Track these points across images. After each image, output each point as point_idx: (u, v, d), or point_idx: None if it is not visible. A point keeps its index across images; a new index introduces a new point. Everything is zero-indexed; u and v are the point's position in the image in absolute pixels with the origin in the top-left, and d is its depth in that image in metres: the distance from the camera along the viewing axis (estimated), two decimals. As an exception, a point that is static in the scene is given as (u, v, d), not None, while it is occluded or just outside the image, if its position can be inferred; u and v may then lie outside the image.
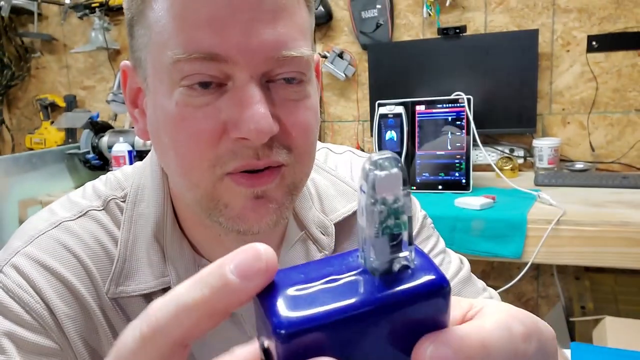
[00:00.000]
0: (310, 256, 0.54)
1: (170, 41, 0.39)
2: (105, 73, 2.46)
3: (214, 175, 0.41)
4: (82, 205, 0.50)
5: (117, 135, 1.85)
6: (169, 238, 0.49)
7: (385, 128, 1.58)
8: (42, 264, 0.45)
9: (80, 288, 0.46)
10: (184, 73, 0.39)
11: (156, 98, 0.42)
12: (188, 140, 0.40)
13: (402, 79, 1.84)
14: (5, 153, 2.68)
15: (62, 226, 0.48)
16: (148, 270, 0.48)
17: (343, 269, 0.21)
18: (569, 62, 1.72)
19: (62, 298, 0.45)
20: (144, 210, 0.50)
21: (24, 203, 1.74)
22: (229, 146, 0.40)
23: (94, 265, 0.47)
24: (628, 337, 1.08)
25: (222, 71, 0.39)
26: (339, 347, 0.19)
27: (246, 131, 0.39)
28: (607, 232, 1.16)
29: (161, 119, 0.42)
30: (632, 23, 1.62)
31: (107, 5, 2.27)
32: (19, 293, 0.44)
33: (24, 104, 2.69)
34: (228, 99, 0.40)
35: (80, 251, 0.47)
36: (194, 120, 0.40)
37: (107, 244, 0.48)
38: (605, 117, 1.70)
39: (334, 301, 0.19)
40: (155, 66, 0.42)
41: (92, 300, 0.46)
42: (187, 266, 0.48)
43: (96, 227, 0.49)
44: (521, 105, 1.70)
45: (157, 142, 0.44)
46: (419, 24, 1.90)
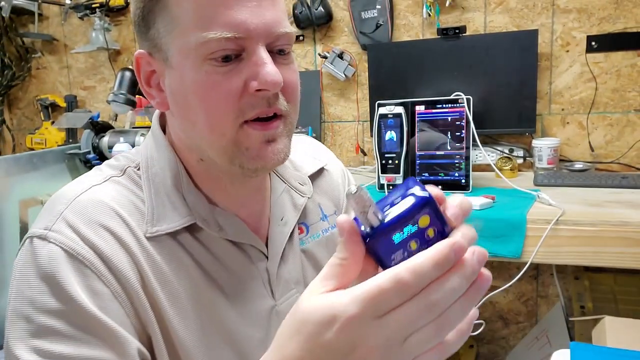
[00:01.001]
0: (294, 201, 0.69)
1: (197, 26, 0.51)
2: (105, 73, 2.47)
3: (236, 123, 0.53)
4: (104, 173, 0.60)
5: (118, 135, 1.85)
6: (186, 189, 0.60)
7: (385, 128, 1.58)
8: (88, 218, 0.53)
9: (123, 234, 0.54)
10: (210, 50, 0.51)
11: (183, 72, 0.53)
12: (218, 99, 0.52)
13: (402, 79, 1.84)
14: (6, 153, 2.69)
15: (94, 189, 0.57)
16: (174, 214, 0.58)
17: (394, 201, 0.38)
18: (569, 62, 1.72)
19: (109, 245, 0.53)
20: (158, 172, 0.60)
21: (24, 203, 1.74)
22: (248, 99, 0.53)
23: (128, 214, 0.56)
24: (627, 337, 1.08)
25: (240, 45, 0.52)
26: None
27: (264, 83, 0.52)
28: (606, 232, 1.16)
29: (190, 87, 0.53)
30: (632, 23, 1.63)
31: (108, 6, 2.27)
32: (73, 246, 0.51)
33: (25, 104, 2.69)
34: (246, 63, 0.53)
35: (115, 204, 0.56)
36: (223, 83, 0.52)
37: (133, 199, 0.58)
38: (605, 117, 1.71)
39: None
40: (181, 47, 0.53)
41: (133, 243, 0.54)
42: (204, 207, 0.60)
43: (120, 187, 0.58)
44: (521, 106, 1.71)
45: (183, 107, 0.55)
46: (418, 25, 1.90)
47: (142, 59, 0.58)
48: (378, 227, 0.36)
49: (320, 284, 0.37)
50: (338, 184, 0.78)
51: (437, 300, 0.33)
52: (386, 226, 0.36)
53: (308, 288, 0.37)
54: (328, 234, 0.73)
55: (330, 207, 0.76)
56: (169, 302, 0.55)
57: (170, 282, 0.56)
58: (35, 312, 0.49)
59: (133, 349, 0.50)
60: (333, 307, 0.34)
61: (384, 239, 0.36)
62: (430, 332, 0.34)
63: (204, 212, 0.59)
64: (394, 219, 0.36)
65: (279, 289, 0.64)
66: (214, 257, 0.60)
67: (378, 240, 0.36)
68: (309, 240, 0.71)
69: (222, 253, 0.60)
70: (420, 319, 0.33)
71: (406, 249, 0.36)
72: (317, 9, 1.93)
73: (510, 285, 1.36)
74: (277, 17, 0.54)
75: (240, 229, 0.62)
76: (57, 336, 0.48)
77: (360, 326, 0.33)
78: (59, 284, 0.49)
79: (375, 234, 0.36)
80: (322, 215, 0.74)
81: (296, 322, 0.36)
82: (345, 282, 0.36)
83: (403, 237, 0.36)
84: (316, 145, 0.82)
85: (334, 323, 0.34)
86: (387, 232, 0.36)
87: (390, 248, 0.36)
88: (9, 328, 0.50)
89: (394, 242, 0.36)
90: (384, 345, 0.33)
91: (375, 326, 0.33)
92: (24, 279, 0.51)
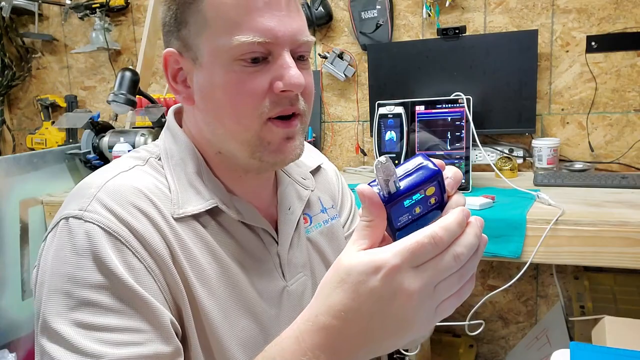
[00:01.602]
0: (299, 193, 0.76)
1: (229, 30, 0.57)
2: (105, 73, 2.47)
3: (260, 120, 0.59)
4: (128, 163, 0.64)
5: (118, 135, 1.85)
6: (206, 177, 0.65)
7: (385, 128, 1.58)
8: (121, 199, 0.57)
9: (153, 214, 0.58)
10: (241, 51, 0.57)
11: (212, 71, 0.59)
12: (245, 95, 0.58)
13: (402, 79, 1.84)
14: (6, 153, 2.69)
15: (122, 175, 0.61)
16: (197, 197, 0.63)
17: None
18: (568, 62, 1.72)
19: (142, 224, 0.57)
20: (178, 162, 0.65)
21: (24, 203, 1.74)
22: (272, 98, 0.59)
23: (156, 198, 0.60)
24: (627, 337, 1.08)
25: (267, 49, 0.57)
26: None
27: (289, 84, 0.58)
28: (606, 232, 1.16)
29: (219, 84, 0.58)
30: (631, 23, 1.63)
31: (108, 6, 2.28)
32: (109, 224, 0.55)
33: (25, 104, 2.69)
34: (272, 65, 0.58)
35: (144, 187, 0.60)
36: (250, 82, 0.58)
37: (159, 184, 0.62)
38: (605, 117, 1.71)
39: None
40: (212, 48, 0.58)
41: (163, 223, 0.58)
42: (224, 195, 0.65)
43: (146, 175, 0.62)
44: (520, 106, 1.71)
45: (211, 103, 0.60)
46: (418, 25, 1.90)
47: (170, 57, 0.63)
48: (395, 194, 0.43)
49: (355, 246, 0.43)
50: (333, 181, 0.86)
51: (461, 252, 0.41)
52: (402, 193, 0.43)
53: (344, 250, 0.43)
54: (328, 224, 0.79)
55: (328, 201, 0.82)
56: (196, 279, 0.59)
57: (197, 259, 0.60)
58: (76, 287, 0.52)
59: (167, 321, 0.54)
60: (376, 258, 0.40)
61: (398, 204, 0.43)
62: (454, 280, 0.41)
63: (224, 198, 0.64)
64: (408, 187, 0.43)
65: (289, 271, 0.70)
66: (234, 239, 0.65)
67: (394, 205, 0.43)
68: (313, 230, 0.76)
69: (241, 236, 0.65)
70: (449, 269, 0.41)
71: (411, 213, 0.44)
72: (317, 9, 1.93)
73: (510, 285, 1.36)
74: (301, 26, 0.60)
75: (255, 214, 0.67)
76: (98, 308, 0.52)
77: (401, 274, 0.40)
78: (100, 258, 0.53)
79: (392, 199, 0.43)
80: (322, 208, 0.80)
81: (340, 274, 0.42)
82: (375, 240, 0.43)
83: (411, 203, 0.43)
84: (309, 147, 0.86)
85: (378, 271, 0.40)
86: (402, 198, 0.43)
87: (400, 211, 0.43)
88: (47, 306, 0.52)
89: (404, 206, 0.43)
90: (419, 291, 0.40)
91: (413, 275, 0.40)
92: (60, 256, 0.54)
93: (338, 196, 0.86)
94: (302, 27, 0.60)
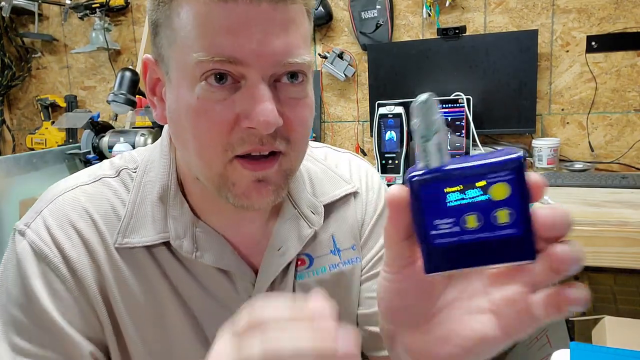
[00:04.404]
0: (300, 231, 0.61)
1: (194, 45, 0.46)
2: (105, 73, 2.47)
3: (225, 157, 0.49)
4: (97, 173, 0.59)
5: (118, 135, 1.85)
6: (172, 200, 0.57)
7: (385, 128, 1.58)
8: (62, 220, 0.54)
9: (94, 240, 0.54)
10: (202, 70, 0.46)
11: (179, 91, 0.49)
12: (207, 128, 0.48)
13: (402, 79, 1.84)
14: (6, 153, 2.69)
15: (78, 189, 0.57)
16: (151, 227, 0.55)
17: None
18: (569, 62, 1.72)
19: (77, 250, 0.53)
20: (152, 178, 0.58)
21: (24, 203, 1.74)
22: (239, 134, 0.48)
23: (103, 221, 0.55)
24: (627, 337, 1.08)
25: (238, 71, 0.46)
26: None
27: (256, 122, 0.46)
28: (606, 232, 1.16)
29: (183, 109, 0.49)
30: (632, 23, 1.63)
31: (108, 6, 2.28)
32: (42, 247, 0.52)
33: (25, 104, 2.69)
34: (242, 94, 0.47)
35: (93, 208, 0.55)
36: (213, 112, 0.47)
37: (116, 204, 0.56)
38: (605, 117, 1.71)
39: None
40: (178, 64, 0.49)
41: (101, 251, 0.54)
42: (185, 225, 0.56)
43: (107, 190, 0.57)
44: (520, 106, 1.71)
45: (177, 127, 0.52)
46: (418, 25, 1.90)
47: (149, 64, 0.55)
48: (434, 169, 0.29)
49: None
50: (367, 212, 0.68)
51: None
52: (444, 170, 0.29)
53: None
54: (336, 270, 0.63)
55: (347, 240, 0.65)
56: (128, 314, 0.54)
57: (133, 294, 0.55)
58: (8, 302, 0.53)
59: (85, 353, 0.52)
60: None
61: (434, 189, 0.29)
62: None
63: (182, 228, 0.56)
64: (459, 166, 0.28)
65: None
66: (193, 277, 0.56)
67: (427, 186, 0.29)
68: (309, 275, 0.62)
69: (203, 274, 0.56)
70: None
71: (459, 223, 0.29)
72: (317, 9, 1.93)
73: (510, 285, 1.36)
74: (288, 45, 0.47)
75: (224, 254, 0.57)
76: (20, 328, 0.52)
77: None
78: (25, 279, 0.52)
79: (427, 175, 0.29)
80: (334, 249, 0.64)
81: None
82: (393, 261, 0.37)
83: (461, 202, 0.28)
84: (355, 163, 0.71)
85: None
86: (443, 179, 0.29)
87: (438, 207, 0.29)
88: None
89: (446, 202, 0.29)
90: None
91: None
92: (4, 269, 0.55)
93: (366, 230, 0.67)
94: (290, 46, 0.47)
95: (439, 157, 0.29)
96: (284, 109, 0.48)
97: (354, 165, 0.70)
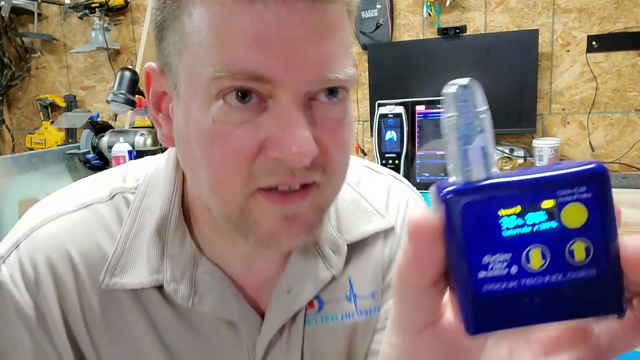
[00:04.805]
0: (316, 272, 0.51)
1: (210, 56, 0.37)
2: (105, 73, 2.46)
3: (246, 191, 0.40)
4: (85, 199, 0.50)
5: (117, 135, 1.84)
6: (172, 234, 0.48)
7: (385, 128, 1.58)
8: (39, 259, 0.47)
9: (69, 285, 0.46)
10: (220, 87, 0.37)
11: (189, 109, 0.40)
12: (224, 157, 0.39)
13: (402, 79, 1.84)
14: (6, 153, 2.68)
15: (59, 220, 0.48)
16: (144, 266, 0.47)
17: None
18: (569, 62, 1.72)
19: (48, 295, 0.46)
20: (152, 203, 0.49)
21: (24, 203, 1.74)
22: (264, 164, 0.39)
23: (84, 262, 0.47)
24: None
25: (266, 90, 0.38)
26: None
27: (287, 153, 0.37)
28: (607, 232, 1.16)
29: (194, 132, 0.40)
30: (632, 23, 1.63)
31: (107, 6, 2.27)
32: (11, 290, 0.46)
33: (24, 104, 2.69)
34: (269, 117, 0.38)
35: (73, 247, 0.47)
36: (232, 138, 0.38)
37: (102, 241, 0.48)
38: (605, 117, 1.70)
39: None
40: (189, 77, 0.40)
41: (74, 297, 0.47)
42: (184, 264, 0.48)
43: (95, 221, 0.49)
44: (521, 105, 1.70)
45: (186, 152, 0.43)
46: (419, 24, 1.90)
47: (152, 74, 0.45)
48: (478, 182, 0.20)
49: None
50: (397, 251, 0.56)
51: None
52: (494, 184, 0.20)
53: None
54: (350, 321, 0.53)
55: (367, 286, 0.54)
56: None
57: (110, 344, 0.48)
58: None
59: None
60: None
61: (483, 210, 0.20)
62: None
63: (180, 269, 0.47)
64: (515, 179, 0.20)
65: None
66: (186, 325, 0.48)
67: (472, 206, 0.20)
68: (319, 320, 0.52)
69: (199, 322, 0.49)
70: None
71: (518, 261, 0.20)
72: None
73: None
74: (327, 56, 0.38)
75: (227, 299, 0.48)
76: None
77: None
78: None
79: (470, 190, 0.20)
80: (350, 294, 0.54)
81: None
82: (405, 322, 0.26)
83: (519, 231, 0.20)
84: (396, 190, 0.59)
85: None
86: (493, 197, 0.20)
87: (488, 237, 0.20)
88: None
89: (500, 230, 0.20)
90: None
91: None
92: None
93: (393, 269, 0.55)
94: (332, 56, 0.38)
95: (485, 166, 0.20)
96: (320, 132, 0.39)
97: (394, 192, 0.59)
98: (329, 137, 0.40)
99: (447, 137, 0.22)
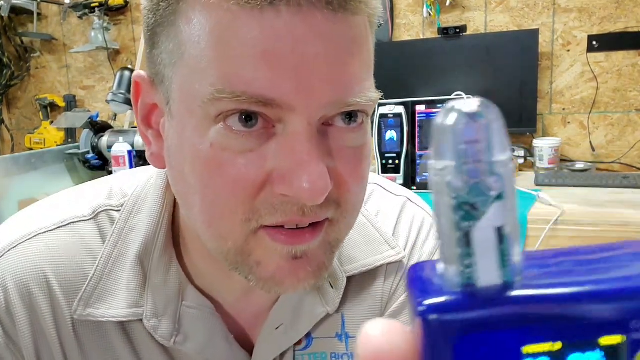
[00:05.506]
0: (312, 308, 0.46)
1: (210, 71, 0.32)
2: (104, 73, 2.46)
3: (247, 228, 0.34)
4: (66, 216, 0.45)
5: (117, 135, 1.84)
6: (156, 262, 0.43)
7: (385, 128, 1.58)
8: (13, 282, 0.42)
9: (44, 311, 0.42)
10: (220, 110, 0.32)
11: (183, 131, 0.35)
12: (223, 189, 0.33)
13: (402, 79, 1.83)
14: (5, 153, 2.68)
15: (37, 239, 0.43)
16: (123, 295, 0.42)
17: None
18: (570, 61, 1.71)
19: (20, 322, 0.42)
20: (138, 223, 0.44)
21: (23, 203, 1.74)
22: (270, 199, 0.33)
23: (61, 286, 0.42)
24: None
25: (275, 114, 0.32)
26: None
27: (298, 190, 0.32)
28: (607, 232, 1.16)
29: (189, 157, 0.34)
30: (633, 23, 1.62)
31: (107, 5, 2.27)
32: None
33: (24, 104, 2.68)
34: (277, 145, 0.33)
35: (50, 270, 0.42)
36: (233, 168, 0.33)
37: (83, 262, 0.43)
38: (606, 117, 1.70)
39: None
40: (185, 93, 0.34)
41: (50, 324, 0.42)
42: (168, 297, 0.43)
43: (75, 241, 0.43)
44: (521, 105, 1.70)
45: (178, 178, 0.37)
46: (419, 24, 1.90)
47: (142, 85, 0.39)
48: (486, 292, 0.13)
49: None
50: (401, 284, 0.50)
51: None
52: (515, 298, 0.13)
53: None
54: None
55: (362, 324, 0.37)
56: None
57: None
58: None
59: None
60: None
61: (489, 347, 0.12)
62: None
63: (163, 303, 0.42)
64: (556, 293, 0.12)
65: None
66: (168, 355, 0.44)
67: (469, 335, 0.13)
68: (306, 359, 0.48)
69: (187, 359, 0.44)
70: None
71: None
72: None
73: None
74: (348, 78, 0.33)
75: (213, 338, 0.44)
76: None
77: None
78: None
79: (468, 308, 0.13)
80: (341, 332, 0.48)
81: None
82: None
83: None
84: (408, 213, 0.52)
85: None
86: (512, 317, 0.12)
87: None
88: None
89: None
90: None
91: None
92: None
93: (394, 304, 0.50)
94: (353, 77, 0.33)
95: (501, 263, 0.13)
96: (336, 163, 0.34)
97: (406, 215, 0.52)
98: (346, 168, 0.35)
99: (436, 202, 0.13)
